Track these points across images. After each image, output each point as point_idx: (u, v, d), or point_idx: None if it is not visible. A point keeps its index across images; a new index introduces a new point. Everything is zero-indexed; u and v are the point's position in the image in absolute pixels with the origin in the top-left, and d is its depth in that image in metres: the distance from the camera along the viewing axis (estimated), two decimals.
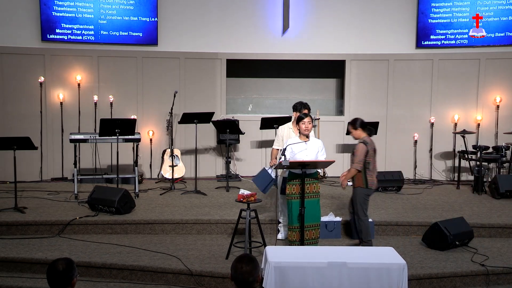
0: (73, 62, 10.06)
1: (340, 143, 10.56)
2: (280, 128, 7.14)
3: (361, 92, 10.65)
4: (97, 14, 9.97)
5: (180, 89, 10.14)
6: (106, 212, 7.57)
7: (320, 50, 10.49)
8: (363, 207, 6.59)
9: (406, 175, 10.02)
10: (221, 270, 5.98)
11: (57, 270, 3.48)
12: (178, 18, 10.23)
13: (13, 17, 9.75)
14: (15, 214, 7.54)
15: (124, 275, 6.12)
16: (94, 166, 9.96)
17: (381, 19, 10.47)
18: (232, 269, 3.55)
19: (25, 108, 9.92)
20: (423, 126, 10.60)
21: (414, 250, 6.71)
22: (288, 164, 6.04)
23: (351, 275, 4.97)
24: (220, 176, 10.16)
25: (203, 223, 7.29)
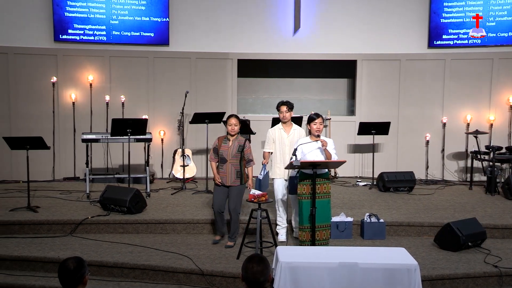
0: (85, 62, 10.12)
1: (351, 143, 10.53)
2: (270, 130, 7.13)
3: (373, 92, 10.61)
4: (109, 14, 10.02)
5: (191, 89, 10.17)
6: (117, 211, 7.60)
7: (331, 50, 10.46)
8: None
9: (418, 176, 9.98)
10: (232, 270, 5.98)
11: (68, 269, 3.50)
12: (189, 18, 10.26)
13: (26, 18, 9.83)
14: (28, 213, 7.60)
15: (135, 274, 6.15)
16: (105, 165, 10.01)
17: (393, 19, 10.42)
18: (243, 269, 3.54)
19: (38, 108, 9.99)
20: (435, 126, 10.54)
21: (426, 251, 6.67)
22: (299, 164, 6.03)
23: (363, 276, 4.94)
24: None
25: (214, 223, 7.29)
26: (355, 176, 10.52)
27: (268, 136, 7.08)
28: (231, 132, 6.75)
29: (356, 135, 10.11)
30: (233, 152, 6.73)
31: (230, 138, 6.77)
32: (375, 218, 7.19)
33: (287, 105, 6.95)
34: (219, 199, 6.78)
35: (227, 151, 6.72)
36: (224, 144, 6.75)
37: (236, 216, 6.79)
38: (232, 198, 6.76)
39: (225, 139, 6.79)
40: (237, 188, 6.77)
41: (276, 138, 6.97)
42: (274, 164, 7.03)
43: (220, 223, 6.92)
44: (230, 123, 6.75)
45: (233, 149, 6.74)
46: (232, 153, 6.72)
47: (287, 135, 6.94)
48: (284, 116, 6.94)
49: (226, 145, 6.74)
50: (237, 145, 6.76)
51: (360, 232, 7.24)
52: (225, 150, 6.72)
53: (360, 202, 8.52)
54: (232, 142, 6.75)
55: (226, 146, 6.74)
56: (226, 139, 6.79)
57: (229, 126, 6.75)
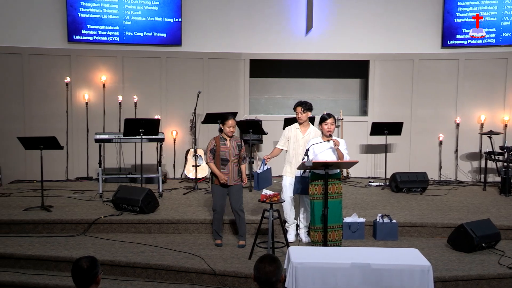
0: (98, 62, 10.18)
1: (364, 144, 10.49)
2: (287, 128, 7.11)
3: (385, 92, 10.57)
4: (122, 15, 10.07)
5: (203, 89, 10.19)
6: (130, 211, 7.63)
7: (344, 50, 10.43)
8: None
9: (431, 176, 9.92)
10: (244, 270, 5.98)
11: (81, 268, 3.52)
12: (201, 19, 10.28)
13: (40, 19, 9.91)
14: (42, 212, 7.66)
15: (148, 274, 6.17)
16: (118, 165, 10.07)
17: (406, 19, 10.37)
18: (255, 269, 3.54)
19: (52, 108, 10.06)
20: (448, 126, 10.47)
21: (439, 252, 6.63)
22: (311, 165, 6.01)
23: (375, 276, 4.92)
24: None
25: (226, 223, 7.29)
26: (368, 176, 10.48)
27: (284, 133, 7.08)
28: (229, 134, 6.72)
29: (368, 136, 10.08)
30: (234, 152, 6.73)
31: (227, 138, 6.76)
32: (388, 219, 7.16)
33: (302, 106, 6.88)
34: (221, 200, 6.77)
35: (228, 151, 6.70)
36: (222, 144, 6.71)
37: (243, 214, 6.82)
38: (235, 197, 6.77)
39: (221, 140, 6.75)
40: (237, 186, 6.78)
41: (292, 137, 6.96)
42: (286, 162, 7.02)
43: (220, 225, 6.91)
44: (229, 124, 6.69)
45: (233, 149, 6.73)
46: (233, 153, 6.72)
47: (303, 136, 6.91)
48: (299, 117, 6.90)
49: (225, 146, 6.72)
50: (235, 145, 6.77)
51: (372, 233, 7.21)
52: (226, 150, 6.70)
53: (372, 202, 8.48)
54: (230, 142, 6.75)
55: (225, 147, 6.71)
56: (222, 139, 6.75)
57: (228, 128, 6.69)
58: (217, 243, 6.81)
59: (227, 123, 6.70)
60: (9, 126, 9.85)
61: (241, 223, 6.81)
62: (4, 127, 9.88)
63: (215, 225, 6.87)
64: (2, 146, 9.80)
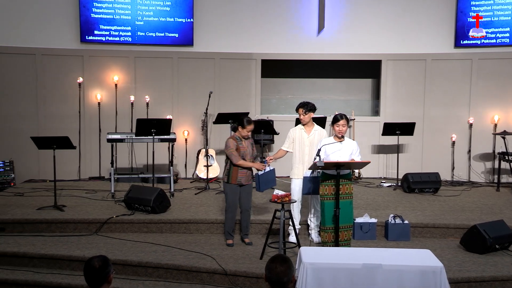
0: (111, 62, 10.23)
1: (375, 144, 10.45)
2: (291, 130, 7.08)
3: (397, 92, 10.52)
4: (134, 15, 10.12)
5: (215, 89, 10.20)
6: (142, 211, 7.66)
7: (356, 50, 10.40)
8: None
9: (444, 177, 9.86)
10: (255, 270, 5.98)
11: (93, 267, 3.54)
12: (213, 19, 10.29)
13: (53, 19, 9.98)
14: (55, 212, 7.71)
15: (159, 273, 6.19)
16: (130, 165, 10.11)
17: (419, 18, 10.31)
18: (267, 270, 3.54)
19: (64, 108, 10.13)
20: (461, 126, 10.40)
21: (451, 253, 6.58)
22: (323, 165, 6.00)
23: (387, 278, 4.89)
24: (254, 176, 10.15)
25: (237, 223, 7.29)
26: (379, 177, 10.44)
27: (288, 135, 7.04)
28: (246, 137, 6.76)
29: (380, 136, 10.03)
30: (250, 152, 6.78)
31: (242, 139, 6.78)
32: (400, 220, 7.12)
33: (303, 108, 6.82)
34: (236, 199, 6.80)
35: (246, 151, 6.73)
36: (240, 145, 6.74)
37: (250, 213, 6.92)
38: (247, 197, 6.82)
39: (238, 140, 6.77)
40: (249, 186, 6.83)
41: (296, 138, 6.94)
42: (293, 164, 7.00)
43: (233, 224, 6.93)
44: (249, 129, 6.72)
45: (249, 149, 6.78)
46: (249, 152, 6.77)
47: (308, 136, 6.90)
48: (302, 118, 6.88)
49: (243, 146, 6.74)
50: (249, 144, 6.82)
51: (384, 234, 7.18)
52: (244, 150, 6.73)
53: (384, 203, 8.45)
54: (245, 142, 6.78)
55: (243, 147, 6.73)
56: (238, 139, 6.77)
57: (248, 132, 6.72)
58: (228, 243, 6.82)
59: (247, 127, 6.71)
60: (23, 126, 9.93)
61: (247, 222, 6.89)
62: (17, 127, 9.96)
63: (228, 224, 6.88)
64: (16, 145, 9.88)
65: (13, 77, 10.00)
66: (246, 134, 6.73)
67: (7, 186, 9.42)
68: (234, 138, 6.78)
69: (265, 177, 6.72)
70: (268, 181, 6.76)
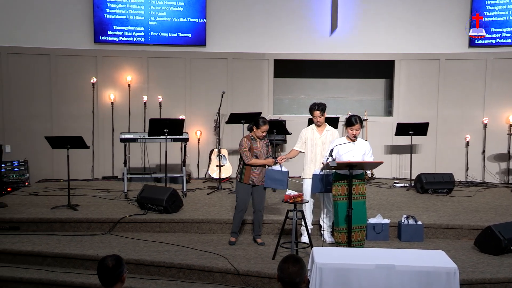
0: (124, 63, 10.28)
1: (388, 144, 10.39)
2: (304, 130, 7.07)
3: (411, 93, 10.46)
4: (147, 15, 10.16)
5: (227, 89, 10.21)
6: (154, 210, 7.68)
7: (369, 50, 10.36)
8: None
9: (457, 177, 9.78)
10: (267, 270, 5.98)
11: (106, 266, 3.56)
12: (226, 19, 10.31)
13: (67, 20, 10.05)
14: (68, 211, 7.77)
15: (172, 273, 6.21)
16: (143, 165, 10.15)
17: (432, 18, 10.25)
18: (279, 270, 3.53)
19: (78, 108, 10.20)
20: (475, 127, 10.32)
21: (465, 254, 6.53)
22: (336, 165, 5.98)
23: (400, 278, 4.87)
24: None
25: (249, 223, 7.29)
26: (393, 177, 10.38)
27: (301, 135, 7.04)
28: (260, 137, 6.79)
29: (393, 136, 9.98)
30: (264, 153, 6.79)
31: (257, 139, 6.80)
32: (413, 220, 7.08)
33: (320, 110, 6.83)
34: (246, 198, 6.81)
35: (260, 151, 6.75)
36: (254, 145, 6.76)
37: (263, 214, 6.92)
38: (259, 197, 6.83)
39: (253, 140, 6.79)
40: (261, 187, 6.82)
41: (309, 138, 6.94)
42: (305, 164, 6.99)
43: (240, 223, 6.95)
44: (263, 130, 6.75)
45: (263, 149, 6.80)
46: (264, 153, 6.78)
47: (320, 136, 6.89)
48: (318, 120, 6.88)
49: (257, 146, 6.76)
50: (264, 145, 6.84)
51: (397, 234, 7.14)
52: (258, 151, 6.75)
53: (397, 203, 8.40)
54: (260, 143, 6.80)
55: (257, 147, 6.76)
56: (253, 139, 6.80)
57: (261, 132, 6.75)
58: (231, 241, 6.86)
59: (261, 128, 6.74)
60: (37, 126, 10.02)
61: (260, 222, 6.89)
62: (32, 127, 10.04)
63: (235, 223, 6.91)
64: (30, 145, 9.97)
65: (27, 77, 10.09)
66: (261, 134, 6.74)
67: (22, 185, 9.50)
68: (249, 138, 6.80)
69: (272, 174, 6.70)
70: (276, 180, 6.71)
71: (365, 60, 10.53)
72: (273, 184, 6.75)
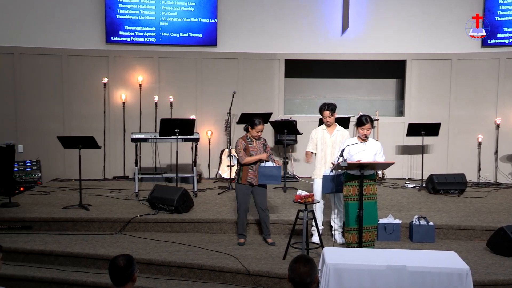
0: (135, 63, 10.32)
1: (400, 144, 10.35)
2: (314, 131, 7.06)
3: (422, 93, 10.40)
4: (158, 16, 10.19)
5: (238, 89, 10.22)
6: (165, 210, 7.71)
7: (380, 50, 10.32)
8: None
9: (469, 178, 9.71)
10: (278, 270, 5.98)
11: (118, 266, 3.57)
12: (237, 19, 10.31)
13: (79, 21, 10.10)
14: (80, 211, 7.81)
15: (182, 273, 6.22)
16: (154, 165, 10.18)
17: (444, 18, 10.18)
18: (290, 270, 3.53)
19: (90, 108, 10.25)
20: (488, 127, 10.24)
21: (478, 255, 6.48)
22: (347, 165, 5.96)
23: (411, 279, 4.84)
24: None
25: (252, 223, 7.29)
26: (404, 177, 10.33)
27: (311, 136, 7.04)
28: (256, 137, 6.80)
29: (405, 136, 9.93)
30: (261, 153, 6.77)
31: (253, 139, 6.80)
32: (424, 221, 7.04)
33: (329, 110, 6.84)
34: (246, 199, 6.82)
35: (256, 152, 6.76)
36: (250, 145, 6.78)
37: (268, 212, 6.91)
38: (260, 197, 6.82)
39: (248, 140, 6.81)
40: (262, 186, 6.81)
41: (319, 139, 6.93)
42: (315, 164, 6.98)
43: (244, 224, 6.95)
44: (258, 129, 6.77)
45: (260, 149, 6.79)
46: (261, 153, 6.77)
47: (330, 136, 6.88)
48: (328, 120, 6.88)
49: (253, 147, 6.78)
50: (261, 145, 6.83)
51: (408, 235, 7.11)
52: (254, 151, 6.76)
53: (408, 204, 8.36)
54: (256, 143, 6.82)
55: (253, 148, 6.77)
56: (249, 140, 6.81)
57: (256, 132, 6.77)
58: (240, 242, 6.86)
59: (256, 128, 6.78)
60: (49, 126, 10.08)
61: (267, 222, 6.88)
62: (44, 127, 10.11)
63: (239, 224, 6.93)
64: (43, 145, 10.03)
65: (40, 77, 10.16)
66: (256, 134, 6.77)
67: (34, 185, 9.57)
68: (245, 138, 6.83)
69: (265, 170, 6.70)
70: (269, 176, 6.71)
71: (376, 60, 10.49)
72: (268, 180, 6.73)
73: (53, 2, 10.04)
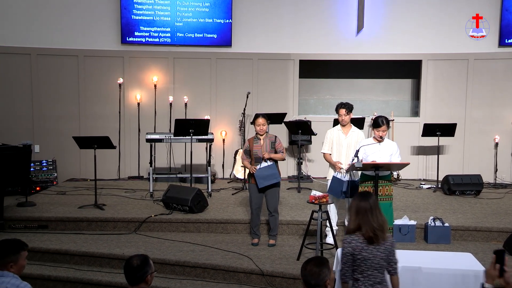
0: (150, 63, 10.37)
1: (415, 145, 10.27)
2: (329, 131, 7.02)
3: (438, 93, 10.32)
4: (173, 16, 10.23)
5: (252, 89, 10.22)
6: (180, 210, 7.73)
7: (396, 50, 10.25)
8: None
9: (486, 179, 9.60)
10: (292, 271, 5.96)
11: (131, 265, 3.58)
12: (252, 20, 10.32)
13: (95, 21, 10.18)
14: (95, 210, 7.86)
15: (197, 273, 6.23)
16: (168, 165, 10.22)
17: (461, 17, 10.09)
18: (302, 271, 3.54)
19: (105, 108, 10.32)
20: (505, 127, 10.13)
21: None
22: (361, 166, 5.93)
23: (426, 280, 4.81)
24: (292, 177, 10.15)
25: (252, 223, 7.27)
26: (419, 178, 10.27)
27: (326, 136, 7.00)
28: (260, 132, 6.79)
29: (420, 137, 9.86)
30: (267, 149, 6.75)
31: (260, 137, 6.80)
32: (440, 222, 6.98)
33: (345, 108, 6.80)
34: (258, 199, 6.81)
35: (261, 149, 6.75)
36: (255, 144, 6.78)
37: (277, 215, 6.86)
38: (271, 200, 6.79)
39: (255, 139, 6.82)
40: (274, 189, 6.77)
41: (334, 139, 6.90)
42: (330, 165, 6.95)
43: (258, 222, 6.94)
44: (258, 123, 6.78)
45: (266, 146, 6.76)
46: (267, 150, 6.75)
47: (345, 137, 6.84)
48: (343, 119, 6.83)
49: (258, 145, 6.77)
50: (269, 142, 6.80)
51: (423, 236, 7.05)
52: (258, 149, 6.75)
53: (424, 205, 8.30)
54: (263, 140, 6.79)
55: (258, 146, 6.77)
56: (256, 139, 6.82)
57: (257, 126, 6.79)
58: (253, 242, 6.85)
59: (256, 121, 6.82)
60: (65, 126, 10.16)
61: (275, 223, 6.85)
62: (60, 127, 10.20)
63: (252, 223, 6.93)
64: (58, 145, 10.12)
65: (56, 78, 10.25)
66: (258, 129, 6.79)
67: (50, 184, 9.65)
68: (252, 138, 6.89)
69: (261, 172, 6.66)
70: (267, 176, 6.67)
71: (392, 60, 10.43)
72: (267, 181, 6.68)
73: (70, 3, 10.13)
